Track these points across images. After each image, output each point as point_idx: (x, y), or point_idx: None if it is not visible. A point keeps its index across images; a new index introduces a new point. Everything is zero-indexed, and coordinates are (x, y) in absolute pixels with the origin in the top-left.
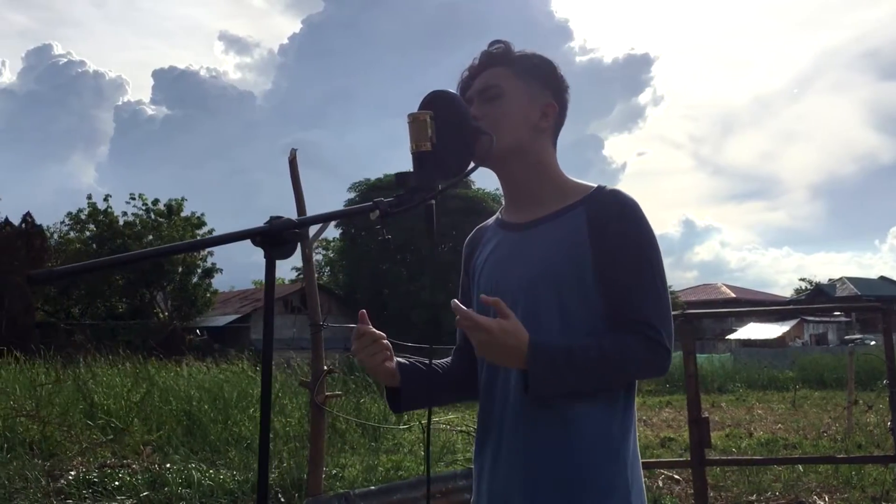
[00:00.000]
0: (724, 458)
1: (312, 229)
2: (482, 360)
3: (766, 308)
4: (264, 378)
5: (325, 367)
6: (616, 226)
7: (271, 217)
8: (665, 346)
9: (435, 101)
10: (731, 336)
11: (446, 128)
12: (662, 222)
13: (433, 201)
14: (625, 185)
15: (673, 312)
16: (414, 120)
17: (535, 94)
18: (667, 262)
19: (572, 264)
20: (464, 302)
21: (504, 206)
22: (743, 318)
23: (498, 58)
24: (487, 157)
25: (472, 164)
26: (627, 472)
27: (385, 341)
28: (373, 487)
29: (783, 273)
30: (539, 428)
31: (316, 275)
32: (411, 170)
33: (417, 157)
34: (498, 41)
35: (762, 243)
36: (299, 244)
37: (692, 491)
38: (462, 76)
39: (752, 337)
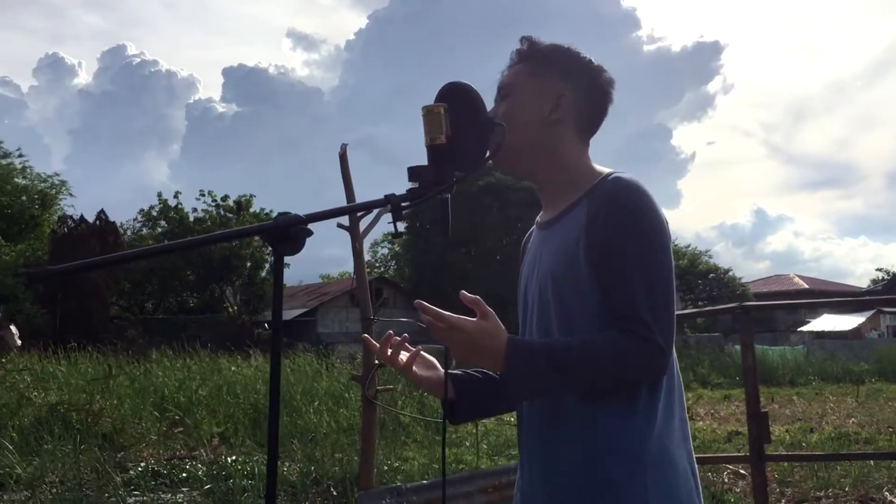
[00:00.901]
0: (785, 453)
1: (362, 225)
2: None
3: (834, 300)
4: (273, 371)
5: (377, 362)
6: (605, 217)
7: (279, 213)
8: (657, 342)
9: (450, 94)
10: (805, 328)
11: (461, 120)
12: (733, 212)
13: (448, 195)
14: (694, 175)
15: (730, 304)
16: (428, 112)
17: (546, 86)
18: (738, 252)
19: (570, 263)
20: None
21: None
22: (817, 310)
23: (520, 55)
24: (499, 149)
25: (486, 157)
26: (646, 474)
27: (411, 359)
28: (424, 481)
29: (859, 263)
30: (557, 428)
31: (382, 268)
32: (425, 163)
33: (432, 150)
34: (525, 37)
35: (837, 232)
36: (350, 238)
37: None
38: (502, 75)
39: (827, 329)
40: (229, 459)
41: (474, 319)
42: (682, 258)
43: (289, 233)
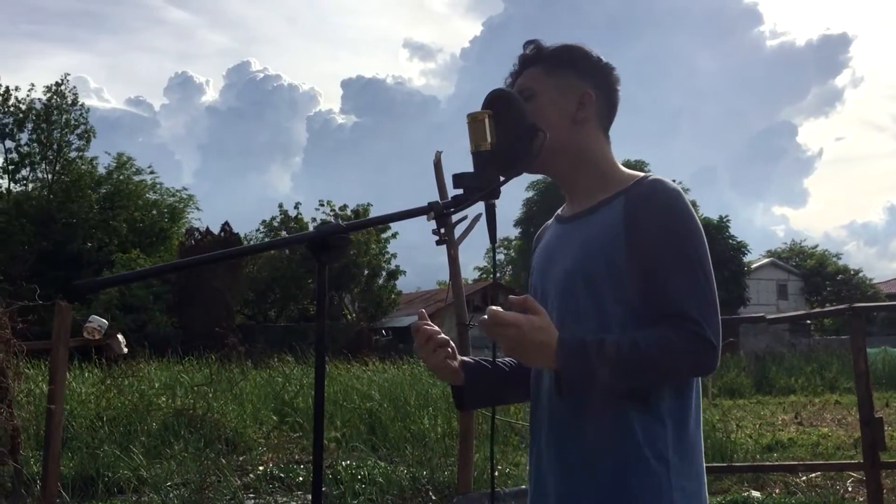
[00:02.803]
0: None
1: (457, 231)
2: None
3: None
4: (318, 375)
5: None
6: (649, 216)
7: (320, 222)
8: (709, 339)
9: (494, 101)
10: None
11: (505, 127)
12: (864, 210)
13: (494, 201)
14: (822, 173)
15: (839, 305)
16: (473, 120)
17: (567, 86)
18: (870, 251)
19: (606, 259)
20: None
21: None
22: None
23: (530, 59)
24: (542, 153)
25: (527, 164)
26: (671, 480)
27: (441, 337)
28: (523, 486)
29: None
30: (582, 424)
31: (498, 274)
32: (471, 170)
33: (477, 156)
34: (529, 41)
35: None
36: (444, 242)
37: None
38: (506, 83)
39: None
40: (344, 464)
41: (527, 315)
42: (809, 259)
43: (330, 241)
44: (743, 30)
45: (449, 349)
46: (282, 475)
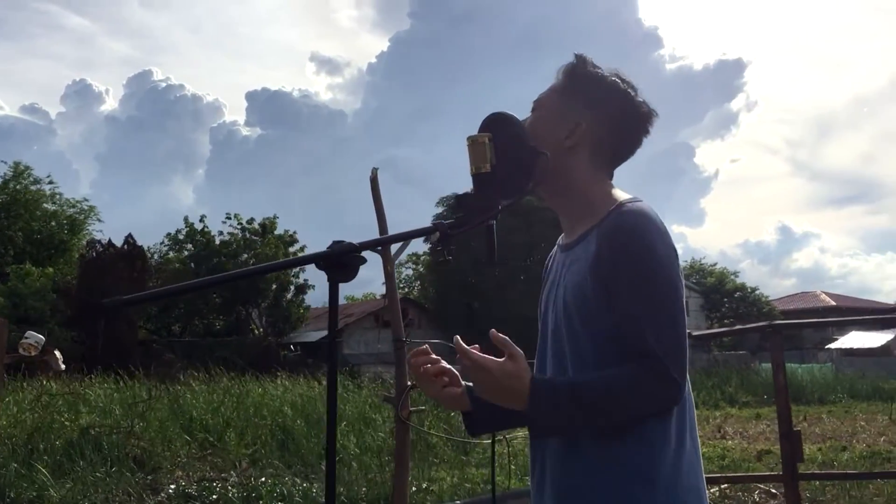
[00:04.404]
0: (819, 472)
1: (394, 247)
2: None
3: (864, 317)
4: (330, 395)
5: (410, 383)
6: (610, 251)
7: (333, 242)
8: (671, 376)
9: (494, 124)
10: (832, 345)
11: (505, 149)
12: (758, 229)
13: (493, 222)
14: (718, 193)
15: (759, 323)
16: (473, 142)
17: (568, 111)
18: (763, 269)
19: (581, 295)
20: None
21: None
22: (844, 327)
23: (563, 72)
24: (545, 176)
25: (530, 184)
26: (656, 496)
27: (435, 368)
28: (458, 502)
29: (887, 279)
30: (571, 449)
31: (406, 289)
32: (471, 191)
33: (477, 178)
34: (577, 55)
35: (864, 249)
36: (381, 261)
37: None
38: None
39: (855, 346)
40: (258, 481)
41: (500, 360)
42: (709, 276)
43: (343, 260)
44: (644, 53)
45: (446, 378)
46: (194, 493)
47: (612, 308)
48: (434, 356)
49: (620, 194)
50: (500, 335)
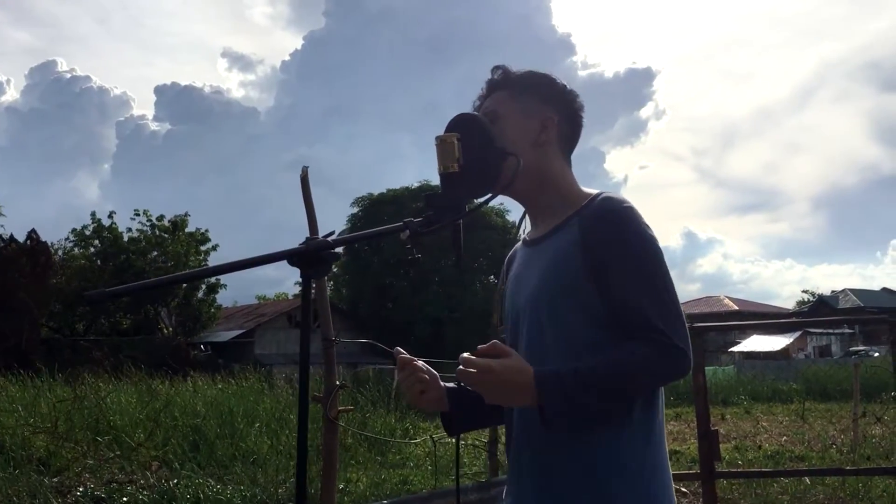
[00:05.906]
0: (734, 470)
1: None
2: None
3: (772, 321)
4: (301, 394)
5: (338, 382)
6: (604, 234)
7: (307, 238)
8: (677, 345)
9: (461, 124)
10: (735, 348)
11: (473, 150)
12: (664, 235)
13: (461, 221)
14: (627, 198)
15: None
16: (442, 142)
17: (531, 110)
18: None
19: (566, 277)
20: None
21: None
22: (746, 331)
23: (497, 83)
24: (516, 177)
25: (500, 185)
26: (644, 486)
27: (423, 374)
28: (385, 502)
29: (786, 285)
30: (554, 441)
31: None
32: (439, 191)
33: (445, 178)
34: (497, 66)
35: (765, 255)
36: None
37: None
38: (474, 106)
39: (756, 349)
40: (171, 483)
41: (500, 359)
42: None
43: (317, 257)
44: (558, 59)
45: (426, 382)
46: (103, 496)
47: (608, 289)
48: (420, 363)
49: (590, 190)
50: (485, 344)
